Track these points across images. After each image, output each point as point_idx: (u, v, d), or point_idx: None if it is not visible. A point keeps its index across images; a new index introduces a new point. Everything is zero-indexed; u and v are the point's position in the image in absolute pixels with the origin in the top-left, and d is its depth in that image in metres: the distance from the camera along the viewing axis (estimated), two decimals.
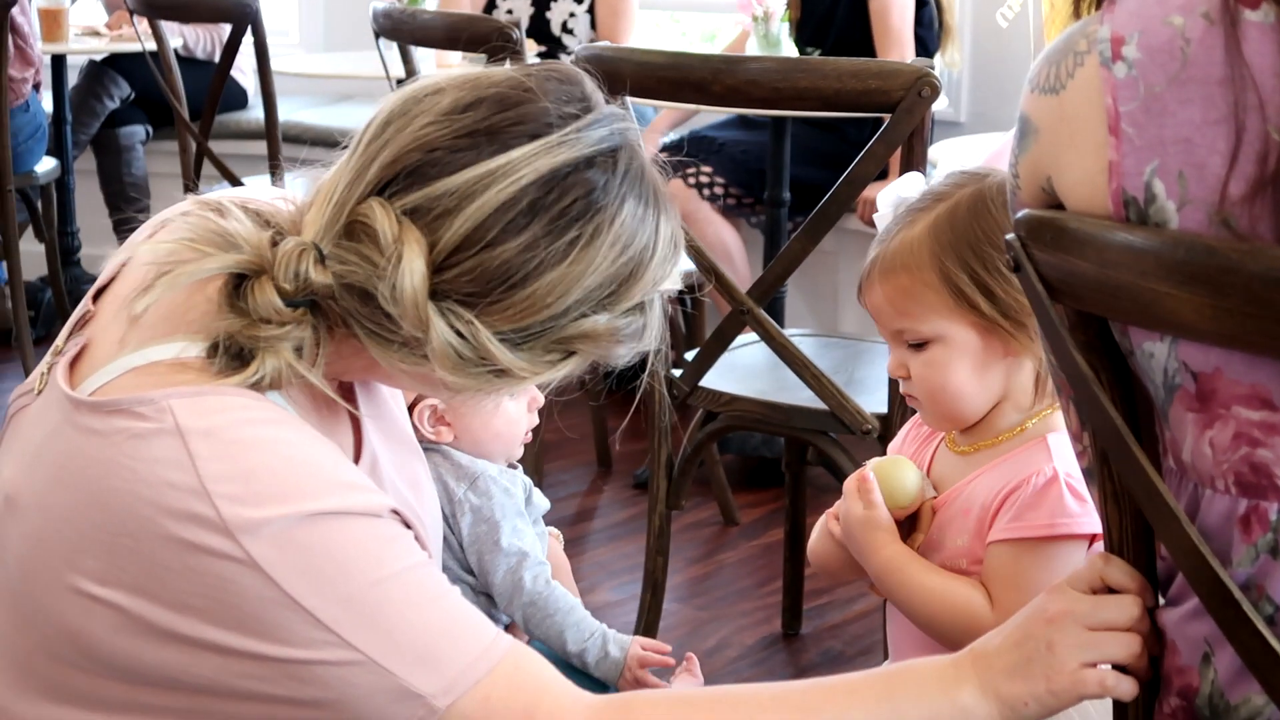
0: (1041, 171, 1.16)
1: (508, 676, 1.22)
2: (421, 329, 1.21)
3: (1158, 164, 1.08)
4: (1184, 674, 1.18)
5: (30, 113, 4.35)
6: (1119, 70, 1.09)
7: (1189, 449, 1.14)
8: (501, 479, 1.83)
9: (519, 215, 1.21)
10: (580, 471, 3.91)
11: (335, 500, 1.20)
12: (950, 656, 1.28)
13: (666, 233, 1.29)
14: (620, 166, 1.25)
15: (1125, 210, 1.10)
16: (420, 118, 1.24)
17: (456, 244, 1.21)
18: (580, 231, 1.22)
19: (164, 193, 5.13)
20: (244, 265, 1.22)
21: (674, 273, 1.32)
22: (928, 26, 4.25)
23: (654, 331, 1.32)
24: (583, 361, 1.29)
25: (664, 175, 1.32)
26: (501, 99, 1.24)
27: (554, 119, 1.23)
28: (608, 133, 1.25)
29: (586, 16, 4.53)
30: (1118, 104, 1.09)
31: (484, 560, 1.78)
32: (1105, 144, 1.10)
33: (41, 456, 1.23)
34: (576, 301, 1.24)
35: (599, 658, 1.81)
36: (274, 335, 1.21)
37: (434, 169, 1.21)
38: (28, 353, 4.33)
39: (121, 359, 1.23)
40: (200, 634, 1.18)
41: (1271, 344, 1.02)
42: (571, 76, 1.29)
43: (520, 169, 1.21)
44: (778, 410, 2.52)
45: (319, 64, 4.85)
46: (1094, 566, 1.22)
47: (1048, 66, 1.16)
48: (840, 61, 2.27)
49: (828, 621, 3.14)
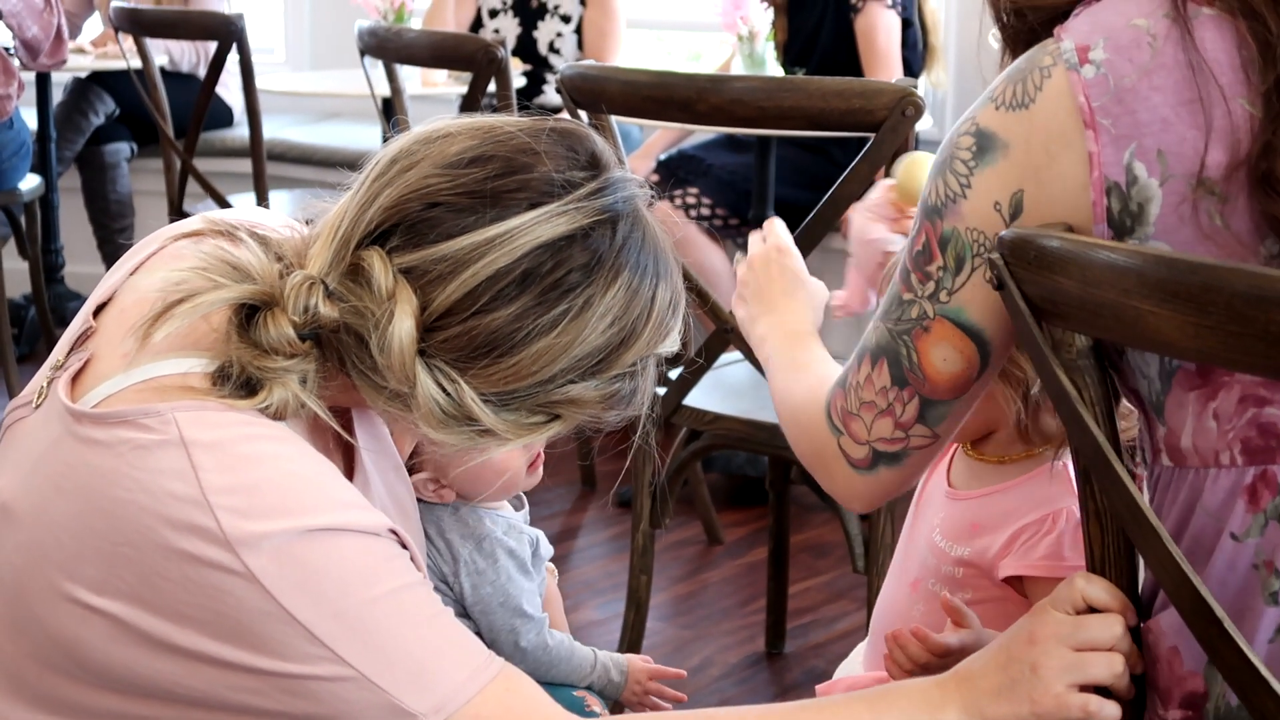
0: (1011, 185, 1.21)
1: (498, 697, 1.23)
2: (408, 385, 1.22)
3: (1135, 147, 1.15)
4: (1187, 681, 1.18)
5: (14, 129, 4.34)
6: (1087, 72, 1.17)
7: (1189, 432, 1.17)
8: (508, 539, 1.81)
9: (510, 285, 1.21)
10: (564, 490, 3.91)
11: (335, 517, 1.20)
12: (935, 678, 1.28)
13: (665, 298, 1.28)
14: (619, 236, 1.25)
15: (1108, 198, 1.16)
16: (425, 163, 1.24)
17: (448, 308, 1.21)
18: (571, 304, 1.23)
19: (148, 210, 5.12)
20: (257, 296, 1.22)
21: (671, 336, 1.31)
22: (912, 47, 4.26)
23: (644, 395, 1.32)
24: (568, 425, 1.30)
25: (653, 198, 1.32)
26: (508, 161, 1.24)
27: (556, 188, 1.23)
28: (611, 200, 1.25)
29: (574, 36, 4.54)
30: (1090, 100, 1.17)
31: (488, 619, 1.78)
32: (1082, 139, 1.17)
33: (40, 467, 1.23)
34: (563, 370, 1.24)
35: (603, 686, 1.82)
36: (283, 367, 1.22)
37: (433, 230, 1.22)
38: (11, 370, 4.31)
39: (127, 374, 1.24)
40: (195, 646, 1.18)
41: (1254, 361, 1.03)
42: (582, 139, 1.29)
43: (518, 239, 1.21)
44: (762, 429, 2.52)
45: (304, 82, 4.85)
46: (1075, 586, 1.23)
47: (1010, 85, 1.22)
48: (825, 81, 2.28)
49: (811, 640, 3.14)
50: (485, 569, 1.77)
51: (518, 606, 1.77)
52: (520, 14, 4.58)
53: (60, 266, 5.00)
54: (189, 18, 4.44)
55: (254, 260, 1.24)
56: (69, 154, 5.02)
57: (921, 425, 1.31)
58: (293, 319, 1.21)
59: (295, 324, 1.21)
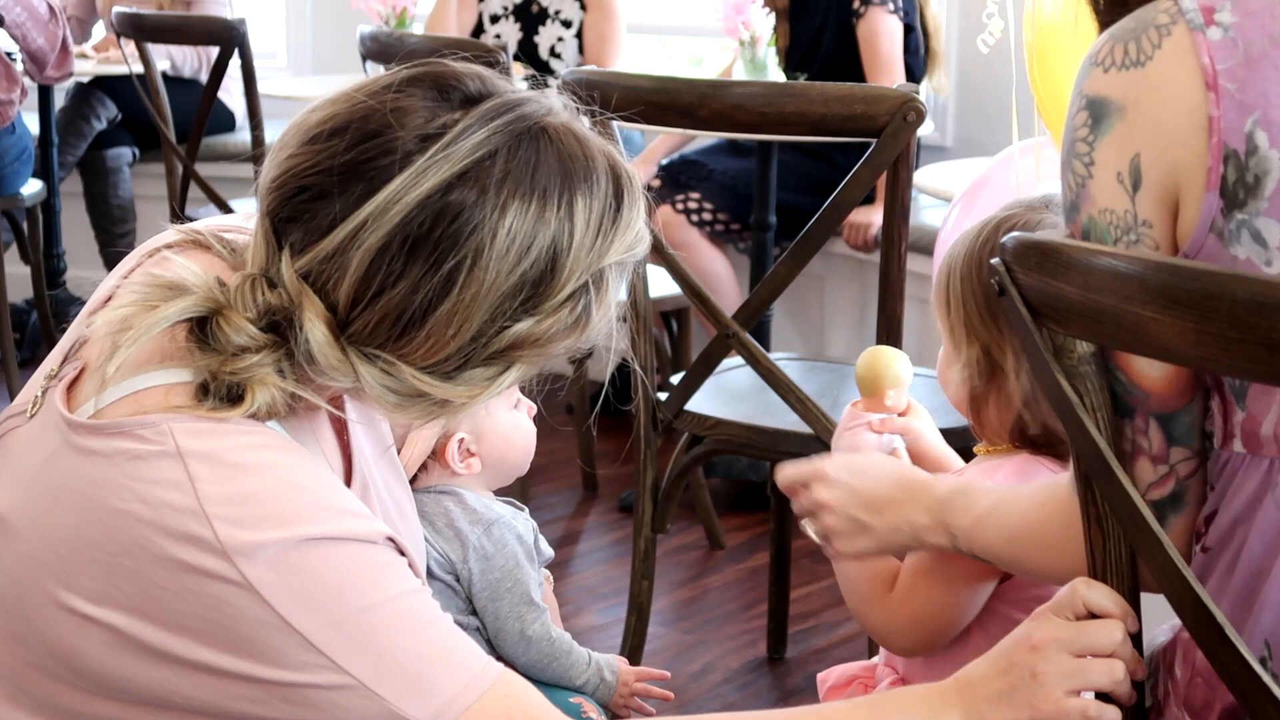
0: (1129, 149, 1.16)
1: (497, 703, 1.22)
2: (351, 379, 1.21)
3: (1259, 115, 1.11)
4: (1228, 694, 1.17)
5: (16, 134, 4.34)
6: (1214, 34, 1.13)
7: (1273, 420, 1.15)
8: (516, 524, 1.82)
9: (393, 260, 1.18)
10: (566, 495, 3.91)
11: (331, 526, 1.20)
12: (936, 684, 1.28)
13: (586, 213, 1.22)
14: (496, 171, 1.19)
15: (1224, 165, 1.12)
16: (292, 140, 1.23)
17: (350, 301, 1.20)
18: (459, 259, 1.19)
19: (150, 215, 5.12)
20: (200, 306, 1.21)
21: (622, 240, 1.25)
22: (914, 52, 4.26)
23: (608, 308, 1.27)
24: (530, 365, 1.25)
25: (579, 111, 1.28)
26: (362, 126, 1.20)
27: (414, 145, 1.19)
28: (483, 137, 1.20)
29: (575, 41, 4.54)
30: (1215, 63, 1.12)
31: (495, 605, 1.78)
32: (1203, 102, 1.13)
33: (38, 478, 1.23)
34: (488, 320, 1.21)
35: (596, 685, 1.82)
36: (255, 364, 1.21)
37: (312, 223, 1.20)
38: (13, 375, 4.32)
39: (119, 384, 1.23)
40: (193, 654, 1.18)
41: (1254, 368, 1.03)
42: (453, 78, 1.24)
43: (389, 210, 1.18)
44: (763, 434, 2.52)
45: (306, 87, 4.85)
46: (1076, 592, 1.23)
47: (1118, 44, 1.17)
48: (826, 86, 2.28)
49: (813, 645, 3.14)
50: (494, 553, 1.78)
51: (525, 593, 1.77)
52: (521, 19, 4.59)
53: (62, 271, 4.99)
54: (191, 23, 4.45)
55: (187, 275, 1.22)
56: (71, 159, 5.03)
57: (1178, 447, 1.22)
58: (246, 316, 1.21)
59: (251, 319, 1.21)
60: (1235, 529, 1.18)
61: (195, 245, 1.32)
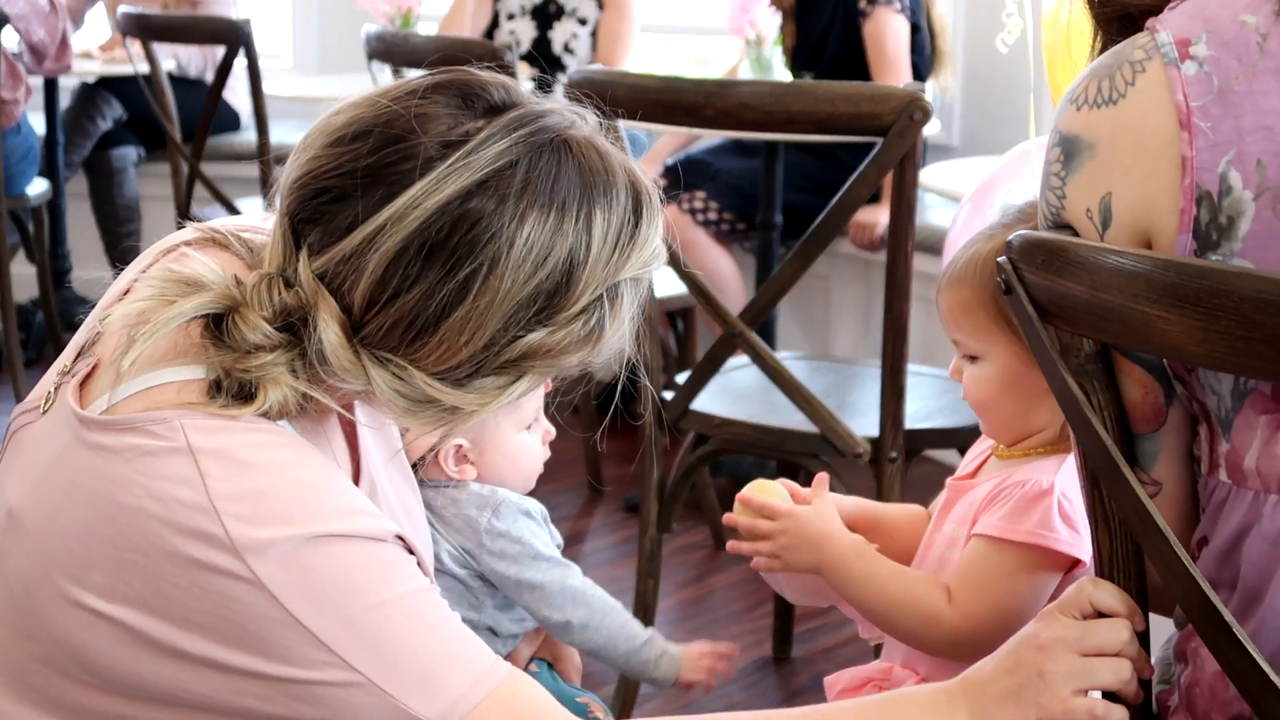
0: (1099, 189, 1.15)
1: (505, 702, 1.22)
2: (363, 381, 1.21)
3: (1234, 154, 1.08)
4: (1232, 705, 1.16)
5: (22, 134, 4.35)
6: (1188, 68, 1.10)
7: (1255, 455, 1.13)
8: (521, 502, 1.84)
9: (410, 264, 1.18)
10: (572, 495, 3.91)
11: (341, 523, 1.20)
12: (943, 684, 1.28)
13: (604, 227, 1.22)
14: (517, 181, 1.20)
15: (1197, 207, 1.10)
16: (315, 141, 1.23)
17: (367, 302, 1.20)
18: (475, 266, 1.19)
19: (155, 215, 5.13)
20: (217, 303, 1.22)
21: (638, 255, 1.26)
22: (920, 52, 4.26)
23: (622, 324, 1.27)
24: (540, 376, 1.26)
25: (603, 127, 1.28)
26: (386, 130, 1.21)
27: (436, 152, 1.19)
28: (505, 147, 1.20)
29: (589, 38, 4.55)
30: (1189, 100, 1.09)
31: (529, 573, 1.79)
32: (1176, 140, 1.10)
33: (50, 474, 1.24)
34: (502, 329, 1.21)
35: (659, 653, 1.85)
36: (268, 362, 1.21)
37: (331, 224, 1.20)
38: (19, 375, 4.32)
39: (133, 380, 1.23)
40: (203, 651, 1.18)
41: (1262, 367, 1.02)
42: (479, 87, 1.24)
43: (407, 215, 1.18)
44: (769, 433, 2.52)
45: (312, 87, 4.85)
46: (1083, 591, 1.22)
47: (1095, 82, 1.15)
48: (832, 85, 2.28)
49: (819, 645, 3.13)
50: (506, 529, 1.79)
51: (552, 555, 1.79)
52: (537, 17, 4.59)
53: (67, 271, 5.00)
54: (196, 22, 4.45)
55: (205, 271, 1.23)
56: (76, 159, 5.03)
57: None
58: (262, 314, 1.21)
59: (266, 318, 1.21)
60: (1226, 560, 1.17)
61: (213, 243, 1.32)
